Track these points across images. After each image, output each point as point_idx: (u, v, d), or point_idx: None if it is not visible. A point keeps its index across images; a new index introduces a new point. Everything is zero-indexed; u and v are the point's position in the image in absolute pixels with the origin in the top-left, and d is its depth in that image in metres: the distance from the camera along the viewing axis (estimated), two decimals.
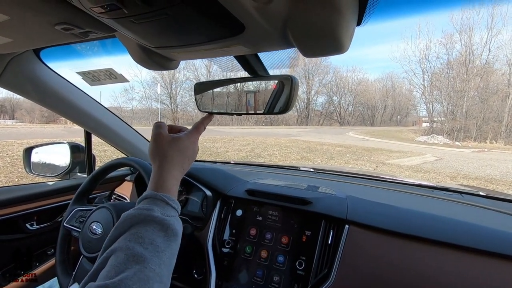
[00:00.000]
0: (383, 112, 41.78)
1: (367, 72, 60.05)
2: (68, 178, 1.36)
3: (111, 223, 0.85)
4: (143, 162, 0.93)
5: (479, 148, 15.62)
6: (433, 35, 26.37)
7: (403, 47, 37.07)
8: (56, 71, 0.97)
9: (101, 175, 1.01)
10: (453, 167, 8.56)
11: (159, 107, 25.37)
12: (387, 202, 0.90)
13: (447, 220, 0.78)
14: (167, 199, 0.50)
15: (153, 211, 0.47)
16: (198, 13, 0.41)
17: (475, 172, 7.86)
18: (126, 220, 0.47)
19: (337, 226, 0.82)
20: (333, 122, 40.63)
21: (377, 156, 9.84)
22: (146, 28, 0.47)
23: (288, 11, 0.44)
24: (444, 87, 24.41)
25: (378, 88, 42.33)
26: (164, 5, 0.39)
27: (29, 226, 1.11)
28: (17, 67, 0.86)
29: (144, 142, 1.44)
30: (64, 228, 0.96)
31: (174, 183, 0.54)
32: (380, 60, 54.57)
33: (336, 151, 10.71)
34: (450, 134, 21.05)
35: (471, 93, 22.33)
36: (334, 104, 40.86)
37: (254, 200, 0.96)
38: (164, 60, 0.65)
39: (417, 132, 23.53)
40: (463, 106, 22.03)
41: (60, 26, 0.55)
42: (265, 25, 0.45)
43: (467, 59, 22.55)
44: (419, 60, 26.89)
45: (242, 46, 0.53)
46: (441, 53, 25.84)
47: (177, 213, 0.52)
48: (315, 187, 1.04)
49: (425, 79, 26.62)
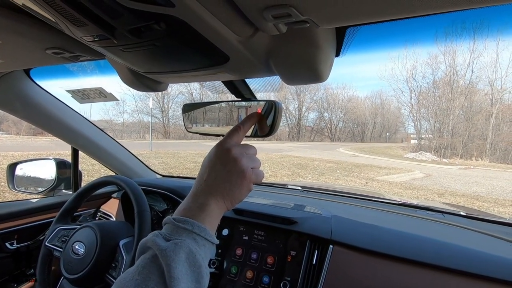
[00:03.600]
0: (372, 129, 42.58)
1: (357, 90, 61.59)
2: (52, 195, 1.34)
3: (95, 243, 0.84)
4: (130, 181, 0.93)
5: (465, 165, 16.00)
6: (419, 55, 27.37)
7: (391, 66, 38.32)
8: (46, 89, 0.98)
9: (86, 193, 1.00)
10: (441, 183, 8.73)
11: (150, 120, 25.25)
12: (372, 222, 0.92)
13: (427, 240, 0.80)
14: (174, 220, 0.40)
15: (158, 236, 0.38)
16: (184, 44, 0.44)
17: (462, 189, 8.02)
18: (141, 247, 0.40)
19: (322, 246, 0.83)
20: (324, 137, 41.09)
21: (367, 172, 9.95)
22: (135, 55, 0.49)
23: (270, 44, 0.47)
24: (431, 106, 25.26)
25: (368, 105, 43.37)
26: (151, 37, 0.41)
27: (8, 245, 1.07)
28: (6, 85, 0.86)
29: (132, 159, 1.44)
30: (45, 247, 0.93)
31: (190, 199, 0.44)
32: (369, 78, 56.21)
33: (327, 167, 10.79)
34: (438, 151, 21.54)
35: (456, 112, 23.13)
36: (325, 120, 41.51)
37: (241, 220, 0.96)
38: (153, 83, 0.67)
39: (406, 149, 23.99)
40: (449, 124, 22.73)
41: (51, 50, 0.56)
42: (249, 56, 0.48)
43: (451, 79, 23.49)
44: (406, 79, 27.90)
45: (228, 74, 0.56)
46: (427, 73, 26.89)
47: (193, 236, 0.39)
48: (302, 206, 1.05)
49: (412, 97, 27.54)
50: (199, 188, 0.45)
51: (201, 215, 0.42)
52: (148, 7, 0.33)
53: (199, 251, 0.38)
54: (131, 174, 1.42)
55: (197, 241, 0.39)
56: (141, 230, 0.81)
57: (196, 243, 0.39)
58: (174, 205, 1.18)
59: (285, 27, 0.38)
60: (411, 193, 6.97)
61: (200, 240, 0.39)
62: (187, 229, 0.39)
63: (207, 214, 0.42)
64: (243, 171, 0.45)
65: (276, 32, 0.39)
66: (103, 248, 0.83)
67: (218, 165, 0.45)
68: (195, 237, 0.39)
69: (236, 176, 0.45)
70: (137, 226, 0.82)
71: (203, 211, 0.42)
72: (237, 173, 0.44)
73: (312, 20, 0.35)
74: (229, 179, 0.44)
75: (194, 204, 0.43)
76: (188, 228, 0.39)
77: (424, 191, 7.37)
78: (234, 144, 0.47)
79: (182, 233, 0.39)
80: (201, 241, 0.40)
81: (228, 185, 0.44)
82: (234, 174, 0.44)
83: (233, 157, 0.45)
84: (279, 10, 0.33)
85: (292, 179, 8.26)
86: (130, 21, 0.37)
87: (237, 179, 0.45)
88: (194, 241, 0.39)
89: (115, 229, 0.90)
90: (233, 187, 0.45)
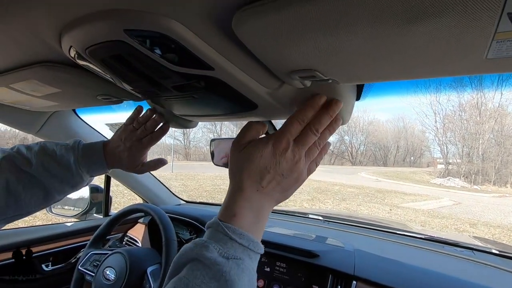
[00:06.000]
0: (395, 153, 41.28)
1: (378, 112, 60.59)
2: (85, 218, 1.42)
3: (124, 269, 0.88)
4: (159, 210, 0.98)
5: (499, 193, 14.94)
6: (443, 79, 26.75)
7: (413, 89, 37.71)
8: (88, 122, 1.09)
9: (118, 219, 1.06)
10: (472, 212, 8.18)
11: (172, 142, 26.11)
12: (396, 258, 0.90)
13: (455, 280, 0.77)
14: (228, 230, 0.35)
15: (208, 249, 0.34)
16: (219, 96, 0.49)
17: (497, 219, 7.46)
18: (181, 257, 0.35)
19: (345, 282, 0.83)
20: (345, 161, 40.24)
21: (391, 199, 9.55)
22: (174, 103, 0.56)
23: (295, 94, 0.51)
24: (458, 129, 24.26)
25: (390, 128, 42.41)
26: (191, 91, 0.47)
27: (44, 267, 1.14)
28: (56, 121, 0.97)
29: (158, 185, 1.51)
30: (78, 271, 0.99)
31: (244, 205, 0.39)
32: (391, 101, 55.42)
33: (348, 192, 10.49)
34: (468, 177, 20.37)
35: (487, 136, 22.01)
36: (346, 144, 40.88)
37: (264, 251, 0.97)
38: (185, 122, 0.73)
39: (432, 174, 22.91)
40: (479, 148, 21.60)
41: (101, 96, 0.65)
42: (275, 104, 0.52)
43: (479, 101, 22.63)
44: (430, 102, 27.18)
45: (255, 117, 0.61)
46: (452, 96, 26.10)
47: (248, 252, 0.36)
48: (323, 238, 1.05)
49: (437, 120, 26.66)
50: (255, 194, 0.40)
51: (256, 226, 0.39)
52: (192, 71, 0.39)
53: (255, 269, 0.36)
54: (157, 200, 1.49)
55: (252, 257, 0.36)
56: (168, 259, 0.85)
57: (252, 261, 0.36)
58: (197, 232, 1.21)
59: (309, 83, 0.43)
60: (440, 222, 6.57)
61: (253, 256, 0.37)
62: (243, 245, 0.35)
63: (261, 225, 0.40)
64: (301, 177, 0.43)
65: (301, 86, 0.43)
66: (132, 275, 0.87)
67: (277, 170, 0.40)
68: (250, 254, 0.36)
69: (294, 183, 0.42)
70: (165, 255, 0.86)
71: (258, 222, 0.39)
72: (296, 180, 0.42)
73: (334, 79, 0.40)
74: (288, 188, 0.42)
75: (248, 212, 0.38)
76: (244, 245, 0.35)
77: (454, 220, 6.93)
78: (292, 143, 0.41)
79: (238, 249, 0.35)
80: (254, 256, 0.37)
81: (285, 192, 0.42)
82: (293, 182, 0.42)
83: (297, 166, 0.41)
84: (304, 73, 0.37)
85: (312, 205, 8.07)
86: (176, 80, 0.43)
87: (294, 184, 0.42)
88: (249, 259, 0.36)
89: (144, 256, 0.94)
90: (288, 194, 0.43)
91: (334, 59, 0.32)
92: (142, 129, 0.63)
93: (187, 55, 0.35)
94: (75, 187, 0.60)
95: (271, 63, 0.37)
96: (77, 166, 0.58)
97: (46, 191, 0.57)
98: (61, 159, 0.57)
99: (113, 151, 0.62)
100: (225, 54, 0.36)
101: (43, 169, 0.55)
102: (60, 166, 0.57)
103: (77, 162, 0.58)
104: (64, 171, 0.57)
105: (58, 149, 0.58)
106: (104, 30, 0.33)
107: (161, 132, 0.65)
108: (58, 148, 0.58)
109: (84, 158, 0.59)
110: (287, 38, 0.29)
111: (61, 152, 0.57)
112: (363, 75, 0.38)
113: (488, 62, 0.28)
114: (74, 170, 0.58)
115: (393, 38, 0.26)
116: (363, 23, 0.25)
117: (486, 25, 0.22)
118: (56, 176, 0.56)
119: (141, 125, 0.64)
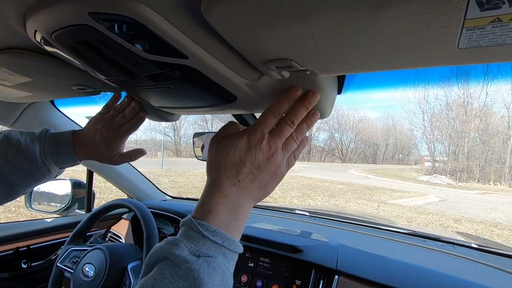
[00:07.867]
0: (385, 150, 41.96)
1: (368, 111, 61.39)
2: (66, 214, 1.38)
3: (104, 266, 0.86)
4: (140, 205, 0.96)
5: (483, 190, 15.40)
6: (431, 77, 27.37)
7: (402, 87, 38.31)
8: (68, 115, 1.05)
9: (99, 215, 1.04)
10: (457, 209, 8.41)
11: (162, 139, 25.82)
12: (379, 253, 0.91)
13: (434, 274, 0.78)
14: (201, 227, 0.34)
15: (178, 246, 0.32)
16: (195, 87, 0.48)
17: (480, 215, 7.69)
18: (152, 256, 0.34)
19: (327, 276, 0.83)
20: (335, 158, 40.66)
21: (379, 195, 9.71)
22: (151, 94, 0.54)
23: (274, 85, 0.50)
24: (444, 128, 24.83)
25: (379, 126, 43.04)
26: (166, 81, 0.46)
27: (23, 264, 1.11)
28: (32, 113, 0.93)
29: (143, 180, 1.48)
30: (57, 268, 0.96)
31: (220, 201, 0.37)
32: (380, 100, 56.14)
33: (338, 188, 10.62)
34: (453, 174, 20.90)
35: (472, 134, 22.62)
36: (336, 141, 41.28)
37: (247, 246, 0.97)
38: (165, 114, 0.71)
39: (420, 171, 23.40)
40: (465, 146, 22.18)
41: (75, 86, 0.62)
42: (255, 96, 0.51)
43: (465, 101, 23.18)
44: (418, 101, 27.67)
45: (235, 110, 0.59)
46: (439, 95, 26.63)
47: (222, 251, 0.34)
48: (308, 233, 1.05)
49: (425, 119, 27.19)
50: (231, 189, 0.38)
51: (233, 224, 0.37)
52: (165, 59, 0.37)
53: (230, 269, 0.34)
54: (142, 196, 1.46)
55: (227, 256, 0.35)
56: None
57: (226, 260, 0.34)
58: (176, 223, 1.20)
59: (287, 73, 0.42)
60: (426, 218, 6.73)
61: (229, 254, 0.35)
62: (216, 243, 0.34)
63: (239, 223, 0.38)
64: (280, 171, 0.42)
65: (279, 77, 0.42)
66: (112, 271, 0.85)
67: (253, 163, 0.39)
68: (224, 252, 0.34)
69: (273, 177, 0.41)
70: (145, 251, 0.84)
71: (236, 219, 0.38)
72: (274, 174, 0.41)
73: (312, 70, 0.39)
74: (267, 182, 0.41)
75: (224, 209, 0.37)
76: (218, 242, 0.34)
77: (439, 216, 7.10)
78: (268, 135, 0.40)
79: (211, 247, 0.33)
80: (230, 255, 0.35)
81: (265, 188, 0.41)
82: (271, 175, 0.41)
83: (274, 159, 0.40)
84: (280, 63, 0.36)
85: (302, 201, 8.14)
86: (149, 69, 0.41)
87: (273, 179, 0.41)
88: (224, 257, 0.34)
89: (124, 252, 0.92)
90: (268, 190, 0.42)
91: (308, 48, 0.31)
92: (120, 117, 0.60)
93: (158, 42, 0.33)
94: (42, 180, 0.57)
95: (246, 51, 0.36)
96: (43, 157, 0.54)
97: (10, 184, 0.53)
98: (25, 150, 0.53)
99: (87, 141, 0.58)
100: (200, 42, 0.34)
101: (5, 161, 0.52)
102: (25, 157, 0.53)
103: (43, 152, 0.54)
104: (29, 163, 0.54)
105: (23, 138, 0.54)
106: (68, 13, 0.31)
107: (139, 120, 0.62)
108: (23, 138, 0.54)
109: (51, 149, 0.55)
110: (258, 25, 0.28)
111: (26, 142, 0.54)
112: (339, 66, 0.37)
113: (461, 52, 0.27)
114: (40, 162, 0.54)
115: (364, 25, 0.26)
116: (332, 10, 0.24)
117: (454, 11, 0.22)
118: (20, 169, 0.53)
119: (119, 113, 0.60)
